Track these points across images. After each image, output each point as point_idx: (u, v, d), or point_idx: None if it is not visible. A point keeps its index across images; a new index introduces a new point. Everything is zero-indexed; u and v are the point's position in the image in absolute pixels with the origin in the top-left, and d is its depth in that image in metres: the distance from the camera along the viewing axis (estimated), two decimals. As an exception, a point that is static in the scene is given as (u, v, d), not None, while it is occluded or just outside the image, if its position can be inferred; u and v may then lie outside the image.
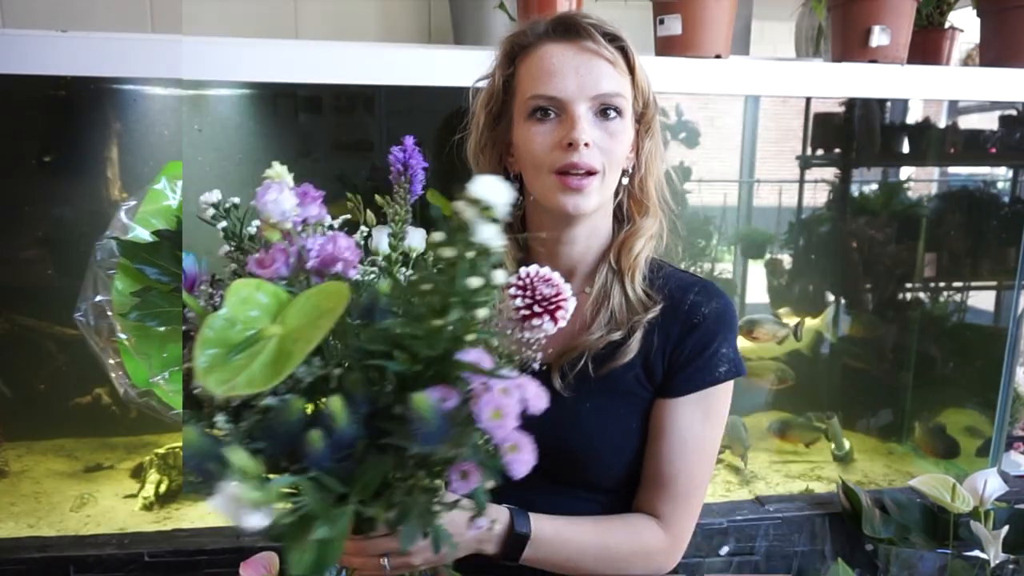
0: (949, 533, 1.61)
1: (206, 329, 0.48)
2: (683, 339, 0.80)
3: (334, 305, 0.48)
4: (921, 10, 1.59)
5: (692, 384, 0.80)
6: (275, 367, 0.46)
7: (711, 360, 0.80)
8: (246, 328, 0.49)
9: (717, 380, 0.81)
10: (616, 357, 0.80)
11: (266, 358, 0.47)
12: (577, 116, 0.75)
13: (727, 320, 0.82)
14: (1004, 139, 2.17)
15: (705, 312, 0.81)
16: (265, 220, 0.54)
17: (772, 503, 1.72)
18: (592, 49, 0.76)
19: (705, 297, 0.82)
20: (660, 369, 0.81)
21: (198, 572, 1.45)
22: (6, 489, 1.79)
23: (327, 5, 1.83)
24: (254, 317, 0.50)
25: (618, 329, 0.81)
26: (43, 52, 1.21)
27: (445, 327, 0.48)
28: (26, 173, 1.88)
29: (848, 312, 2.29)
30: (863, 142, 2.21)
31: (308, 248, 0.54)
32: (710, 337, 0.80)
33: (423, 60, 1.33)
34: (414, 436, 0.46)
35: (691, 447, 0.80)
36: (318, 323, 0.47)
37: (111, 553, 1.44)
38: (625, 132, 0.78)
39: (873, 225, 2.18)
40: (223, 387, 0.45)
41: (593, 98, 0.76)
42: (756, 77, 1.50)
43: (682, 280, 0.84)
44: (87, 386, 2.00)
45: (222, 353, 0.47)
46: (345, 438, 0.47)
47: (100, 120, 1.79)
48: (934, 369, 2.22)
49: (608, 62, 0.76)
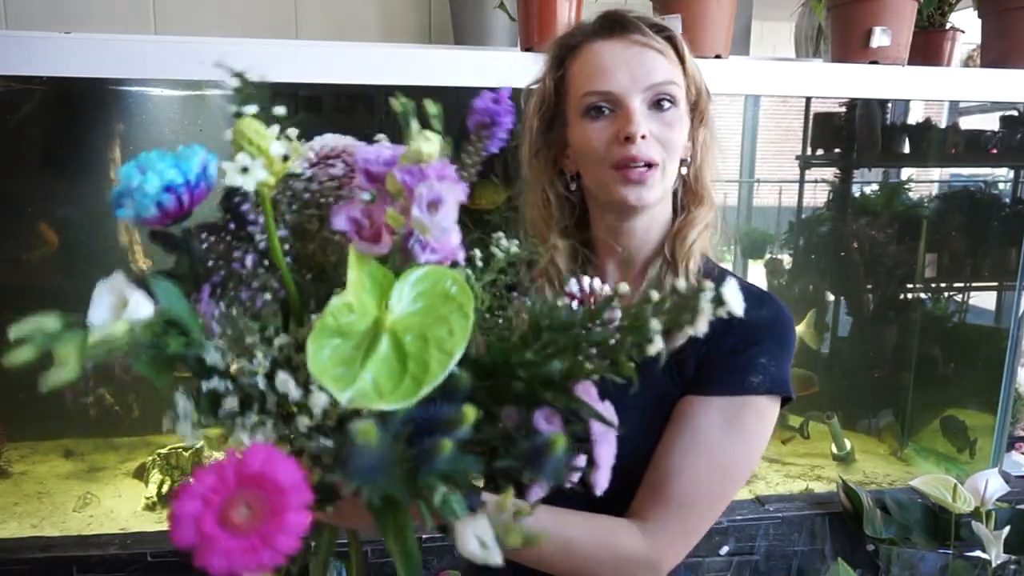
0: (950, 533, 1.61)
1: (327, 318, 0.40)
2: (719, 339, 0.74)
3: (450, 314, 0.41)
4: (922, 11, 1.59)
5: (719, 386, 0.74)
6: (396, 380, 0.39)
7: (744, 366, 0.74)
8: (361, 318, 0.41)
9: (748, 390, 0.73)
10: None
11: (384, 365, 0.40)
12: (632, 109, 0.74)
13: (775, 331, 0.76)
14: (1005, 140, 2.17)
15: (752, 316, 0.77)
16: (412, 221, 0.44)
17: (772, 503, 1.72)
18: (641, 41, 0.76)
19: (752, 305, 0.73)
20: (692, 366, 0.76)
21: (199, 572, 1.45)
22: (9, 489, 1.79)
23: (327, 5, 1.83)
24: (366, 303, 0.42)
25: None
26: (46, 53, 1.22)
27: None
28: (28, 174, 1.89)
29: (849, 312, 2.29)
30: (863, 142, 2.21)
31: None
32: (748, 342, 0.74)
33: (423, 60, 1.34)
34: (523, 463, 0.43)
35: (702, 452, 0.73)
36: (433, 340, 0.40)
37: (114, 553, 1.45)
38: (681, 121, 0.77)
39: (874, 225, 2.18)
40: (347, 392, 0.38)
41: (646, 89, 0.75)
42: (756, 77, 1.51)
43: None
44: (90, 387, 2.01)
45: (340, 346, 0.40)
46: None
47: (103, 121, 1.80)
48: (935, 370, 2.22)
49: (658, 52, 0.76)
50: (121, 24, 1.73)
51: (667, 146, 0.76)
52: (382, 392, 0.39)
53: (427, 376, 0.39)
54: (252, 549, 0.36)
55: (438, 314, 0.42)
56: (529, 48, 1.36)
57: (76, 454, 1.97)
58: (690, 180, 0.83)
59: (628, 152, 0.74)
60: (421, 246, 0.45)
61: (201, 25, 1.76)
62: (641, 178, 0.75)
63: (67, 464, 1.93)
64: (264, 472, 0.37)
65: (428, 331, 0.41)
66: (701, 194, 0.83)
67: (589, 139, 0.77)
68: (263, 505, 0.37)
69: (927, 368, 2.20)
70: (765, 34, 2.31)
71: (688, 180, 0.83)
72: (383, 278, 0.43)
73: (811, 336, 2.16)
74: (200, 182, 0.46)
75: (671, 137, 0.76)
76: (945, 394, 2.20)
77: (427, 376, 0.39)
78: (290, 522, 0.36)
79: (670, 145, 0.76)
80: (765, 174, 2.43)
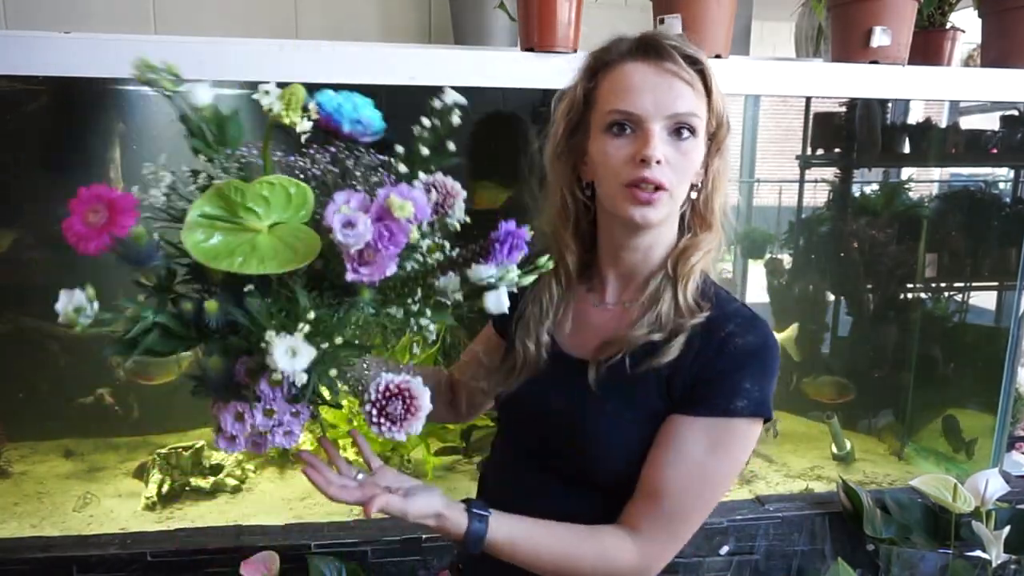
0: (950, 533, 1.61)
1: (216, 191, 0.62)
2: (710, 361, 0.79)
3: (305, 251, 0.59)
4: (922, 11, 1.59)
5: (705, 407, 0.78)
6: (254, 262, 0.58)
7: (730, 390, 0.78)
8: (247, 211, 0.61)
9: (732, 413, 0.78)
10: (654, 356, 0.80)
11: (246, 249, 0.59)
12: (651, 133, 0.77)
13: (761, 357, 0.80)
14: (1005, 140, 2.17)
15: (738, 342, 0.79)
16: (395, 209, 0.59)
17: (772, 503, 1.72)
18: (671, 70, 0.78)
19: (743, 329, 0.81)
20: (680, 385, 0.80)
21: (199, 572, 1.45)
22: (9, 489, 1.80)
23: (327, 5, 1.83)
24: (259, 210, 0.61)
25: (661, 331, 0.82)
26: (46, 53, 1.22)
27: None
28: (28, 174, 1.89)
29: (849, 312, 2.29)
30: (863, 142, 2.21)
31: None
32: (735, 367, 0.79)
33: (423, 60, 1.34)
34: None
35: (688, 470, 0.78)
36: (292, 253, 0.59)
37: (113, 553, 1.45)
38: (696, 151, 0.80)
39: (874, 225, 2.18)
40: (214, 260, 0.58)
41: (668, 116, 0.78)
42: (756, 77, 1.51)
43: (728, 307, 0.83)
44: (90, 386, 2.01)
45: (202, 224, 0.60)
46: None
47: (103, 120, 1.80)
48: (935, 369, 2.22)
49: (686, 83, 0.79)
50: (121, 24, 1.74)
51: (679, 173, 0.79)
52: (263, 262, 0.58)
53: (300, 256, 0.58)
54: (101, 232, 0.60)
55: (288, 248, 0.60)
56: (529, 48, 1.35)
57: (76, 454, 1.97)
58: (699, 205, 0.86)
59: (641, 173, 0.77)
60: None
61: (201, 25, 1.76)
62: (650, 200, 0.78)
63: (67, 464, 1.93)
64: (101, 193, 0.61)
65: (276, 253, 0.59)
66: (709, 220, 0.86)
67: (607, 154, 0.80)
68: (104, 209, 0.60)
69: (927, 368, 2.20)
70: (765, 34, 2.31)
71: (697, 205, 0.86)
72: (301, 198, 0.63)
73: (793, 349, 2.15)
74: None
75: (684, 165, 0.80)
76: (945, 394, 2.20)
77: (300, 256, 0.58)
78: (122, 217, 0.60)
79: (682, 172, 0.80)
80: (765, 174, 2.43)
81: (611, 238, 0.87)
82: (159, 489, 1.73)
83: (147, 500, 1.71)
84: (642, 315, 0.83)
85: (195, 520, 1.66)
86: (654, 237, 0.85)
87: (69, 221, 0.60)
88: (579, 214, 0.88)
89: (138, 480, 1.83)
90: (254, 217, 0.61)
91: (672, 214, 0.83)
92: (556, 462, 0.86)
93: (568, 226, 0.88)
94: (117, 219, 0.59)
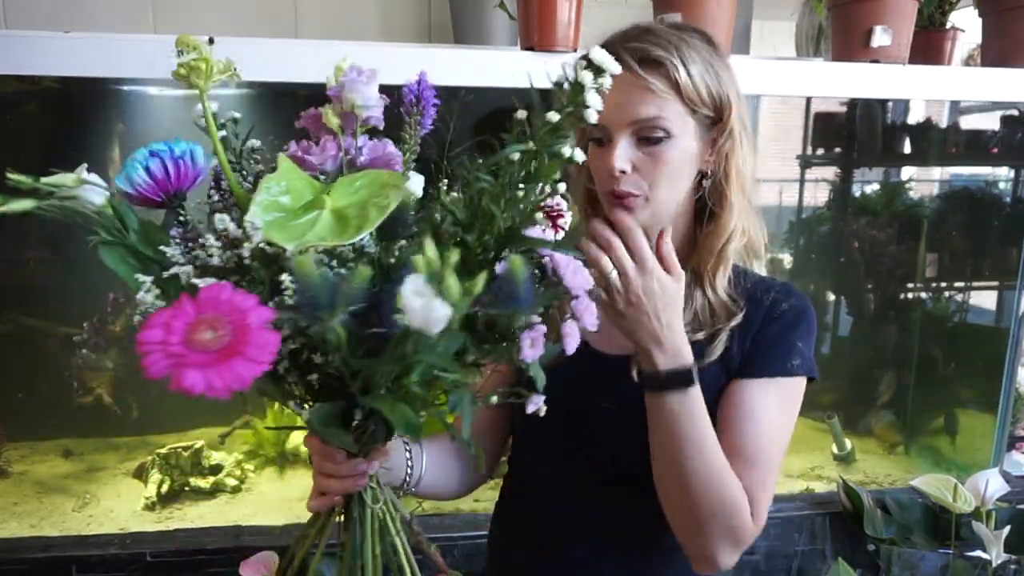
0: (951, 533, 1.61)
1: (263, 192, 0.51)
2: (763, 328, 0.84)
3: (388, 190, 0.51)
4: (922, 10, 1.59)
5: (770, 368, 0.83)
6: (340, 231, 0.49)
7: (788, 350, 0.83)
8: (296, 200, 0.52)
9: (791, 372, 0.83)
10: (700, 358, 0.81)
11: (327, 224, 0.50)
12: (616, 145, 0.79)
13: (807, 318, 0.85)
14: (1005, 139, 2.17)
15: (785, 307, 0.85)
16: (343, 100, 0.57)
17: (772, 502, 1.72)
18: (629, 80, 0.78)
19: (786, 294, 0.86)
20: (737, 355, 0.84)
21: (199, 572, 1.45)
22: (8, 489, 1.79)
23: (327, 5, 1.83)
24: (302, 191, 0.53)
25: (701, 330, 0.84)
26: (46, 53, 1.22)
27: (518, 199, 0.54)
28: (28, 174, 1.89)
29: (849, 312, 2.28)
30: (864, 142, 2.21)
31: (361, 146, 0.58)
32: (789, 328, 0.84)
33: (423, 60, 1.34)
34: (506, 300, 0.49)
35: (768, 430, 0.82)
36: (372, 203, 0.51)
37: (113, 553, 1.45)
38: (673, 151, 0.80)
39: (874, 225, 2.18)
40: (295, 242, 0.48)
41: (630, 124, 0.79)
42: (756, 77, 1.50)
43: (764, 282, 0.88)
44: (89, 386, 2.01)
45: (283, 216, 0.51)
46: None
47: (103, 120, 1.80)
48: (935, 369, 2.22)
49: (646, 89, 0.78)
50: (121, 24, 1.73)
51: (651, 176, 0.79)
52: (326, 239, 0.49)
53: (367, 223, 0.49)
54: (224, 360, 0.36)
55: (375, 192, 0.52)
56: (529, 48, 1.35)
57: (75, 454, 1.97)
58: (712, 192, 0.85)
59: (611, 185, 0.79)
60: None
61: (201, 25, 1.76)
62: (628, 204, 0.80)
63: (66, 464, 1.93)
64: (220, 296, 0.39)
65: (367, 201, 0.51)
66: (724, 204, 0.85)
67: (592, 164, 0.82)
68: (227, 326, 0.38)
69: (927, 368, 2.20)
70: (765, 34, 2.31)
71: (711, 191, 0.85)
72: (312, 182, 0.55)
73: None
74: (184, 156, 0.55)
75: (659, 167, 0.79)
76: (945, 394, 2.20)
77: (367, 223, 0.49)
78: (257, 335, 0.37)
79: (657, 174, 0.79)
80: (765, 174, 2.42)
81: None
82: (159, 489, 1.73)
83: (147, 500, 1.71)
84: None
85: (195, 520, 1.66)
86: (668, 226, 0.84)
87: (159, 331, 0.38)
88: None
89: (138, 480, 1.83)
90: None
91: (660, 215, 0.82)
92: (601, 461, 0.86)
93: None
94: (247, 346, 0.37)
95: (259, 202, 0.50)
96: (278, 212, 0.51)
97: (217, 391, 0.36)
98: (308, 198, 0.53)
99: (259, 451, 1.96)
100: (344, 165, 0.59)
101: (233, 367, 0.36)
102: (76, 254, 1.96)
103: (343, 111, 0.59)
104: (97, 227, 0.54)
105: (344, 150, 0.59)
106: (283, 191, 0.52)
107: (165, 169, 0.54)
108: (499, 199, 0.55)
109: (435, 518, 1.61)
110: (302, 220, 0.50)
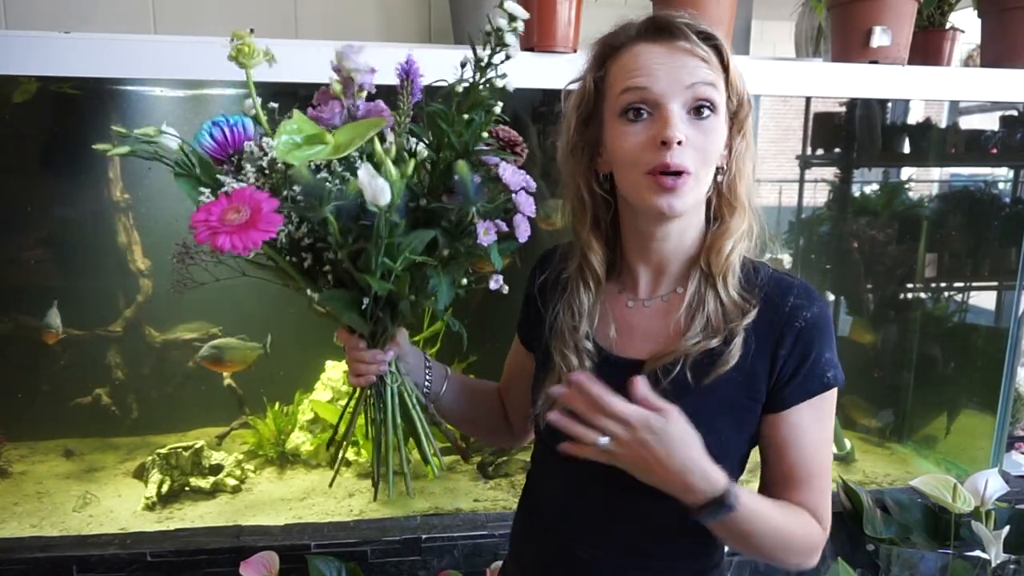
0: (950, 533, 1.61)
1: (283, 126, 0.69)
2: (790, 348, 0.79)
3: (370, 128, 0.70)
4: (922, 11, 1.59)
5: (806, 392, 0.80)
6: (333, 153, 0.68)
7: (818, 366, 0.80)
8: (307, 136, 0.69)
9: (827, 386, 0.81)
10: (717, 365, 0.78)
11: (325, 150, 0.68)
12: (670, 112, 0.74)
13: (828, 322, 0.82)
14: (1005, 139, 2.17)
15: (807, 316, 0.80)
16: (342, 68, 0.76)
17: (773, 503, 1.72)
18: (685, 48, 0.75)
19: (807, 300, 0.81)
20: (764, 375, 0.80)
21: (199, 572, 1.45)
22: (8, 489, 1.80)
23: (327, 5, 1.83)
24: (311, 132, 0.70)
25: (715, 335, 0.79)
26: (46, 53, 1.22)
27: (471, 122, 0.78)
28: (28, 174, 1.89)
29: (849, 312, 2.29)
30: (863, 142, 2.21)
31: (358, 105, 0.77)
32: (814, 343, 0.80)
33: (423, 60, 1.33)
34: (458, 195, 0.74)
35: (815, 449, 0.82)
36: (358, 135, 0.69)
37: (113, 553, 1.45)
38: (718, 130, 0.77)
39: (874, 225, 2.18)
40: (302, 158, 0.67)
41: (687, 89, 0.74)
42: (756, 77, 1.50)
43: (780, 281, 0.82)
44: (88, 386, 2.01)
45: (296, 143, 0.68)
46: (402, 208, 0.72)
47: (102, 120, 1.80)
48: (935, 369, 2.22)
49: (701, 59, 0.76)
50: (121, 24, 1.73)
51: (703, 154, 0.76)
52: (320, 156, 0.69)
53: (351, 146, 0.69)
54: (245, 231, 0.59)
55: (363, 130, 0.71)
56: (529, 48, 1.35)
57: (75, 454, 1.97)
58: (724, 189, 0.82)
59: (662, 159, 0.73)
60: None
61: (201, 25, 1.76)
62: (673, 186, 0.74)
63: (66, 464, 1.93)
64: (244, 192, 0.62)
65: (355, 135, 0.70)
66: (735, 204, 0.82)
67: (624, 142, 0.76)
68: (247, 209, 0.61)
69: (927, 368, 2.20)
70: (765, 34, 2.31)
71: (722, 189, 0.82)
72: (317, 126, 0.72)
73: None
74: (236, 125, 0.78)
75: (707, 145, 0.76)
76: (945, 394, 2.20)
77: (351, 146, 0.69)
78: (267, 215, 0.61)
79: (706, 153, 0.76)
80: (765, 174, 2.42)
81: (637, 231, 0.83)
82: (159, 489, 1.73)
83: (147, 500, 1.71)
84: (690, 321, 0.81)
85: (195, 520, 1.66)
86: (684, 225, 0.81)
87: (203, 213, 0.60)
88: (598, 211, 0.84)
89: (138, 480, 1.83)
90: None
91: (699, 201, 0.79)
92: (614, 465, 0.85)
93: (587, 225, 0.84)
94: (259, 222, 0.59)
95: (278, 133, 0.68)
96: (291, 144, 0.68)
97: (239, 249, 0.60)
98: (314, 135, 0.71)
99: (259, 451, 1.96)
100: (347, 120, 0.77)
101: (250, 235, 0.60)
102: (76, 253, 1.97)
103: (343, 79, 0.77)
104: (173, 164, 0.77)
105: (346, 108, 0.77)
106: (295, 131, 0.69)
107: (224, 135, 0.77)
108: (449, 119, 0.79)
109: (435, 518, 1.61)
110: (307, 149, 0.68)
